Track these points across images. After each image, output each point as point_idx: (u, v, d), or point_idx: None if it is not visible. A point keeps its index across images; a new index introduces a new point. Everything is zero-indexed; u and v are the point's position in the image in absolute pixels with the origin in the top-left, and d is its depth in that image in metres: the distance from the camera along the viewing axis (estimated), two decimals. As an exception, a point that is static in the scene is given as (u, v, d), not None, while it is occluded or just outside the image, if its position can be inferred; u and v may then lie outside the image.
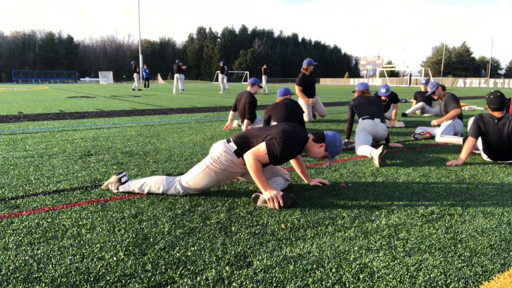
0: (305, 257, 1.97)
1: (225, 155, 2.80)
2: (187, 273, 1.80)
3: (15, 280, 1.72)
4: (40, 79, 47.49)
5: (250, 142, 2.81)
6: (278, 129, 2.78)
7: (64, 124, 7.11)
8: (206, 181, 2.84)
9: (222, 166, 2.80)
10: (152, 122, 7.50)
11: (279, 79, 73.01)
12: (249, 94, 5.91)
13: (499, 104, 3.91)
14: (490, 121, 3.95)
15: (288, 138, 2.72)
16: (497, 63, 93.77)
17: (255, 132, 2.87)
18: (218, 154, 2.81)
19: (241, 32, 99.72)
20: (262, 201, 2.70)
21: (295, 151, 2.81)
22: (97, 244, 2.09)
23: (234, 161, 2.80)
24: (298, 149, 2.84)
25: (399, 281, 1.75)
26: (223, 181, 2.98)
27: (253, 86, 6.13)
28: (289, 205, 2.68)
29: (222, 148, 2.83)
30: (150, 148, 4.76)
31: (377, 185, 3.27)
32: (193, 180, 2.84)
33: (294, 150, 2.80)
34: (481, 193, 3.06)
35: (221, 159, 2.80)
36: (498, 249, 2.08)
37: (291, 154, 2.78)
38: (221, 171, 2.82)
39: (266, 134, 2.79)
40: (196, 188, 2.87)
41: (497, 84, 44.96)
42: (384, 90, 7.03)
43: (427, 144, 5.33)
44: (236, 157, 2.79)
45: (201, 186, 2.86)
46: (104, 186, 3.04)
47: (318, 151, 2.91)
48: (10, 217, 2.46)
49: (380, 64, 55.60)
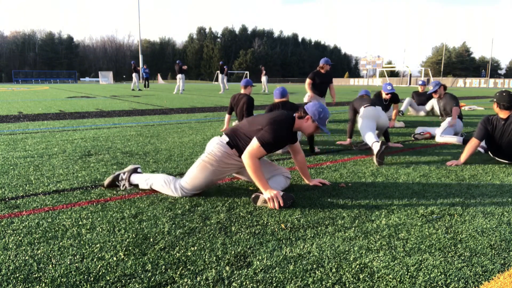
0: (305, 257, 1.97)
1: (218, 147, 2.89)
2: (187, 273, 1.80)
3: (15, 280, 1.72)
4: (40, 79, 47.48)
5: (241, 133, 2.89)
6: (265, 119, 2.83)
7: (64, 124, 7.11)
8: (203, 175, 2.85)
9: (217, 157, 2.87)
10: (152, 122, 7.50)
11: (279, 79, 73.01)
12: (246, 95, 5.90)
13: (509, 102, 3.91)
14: (497, 123, 3.95)
15: (276, 123, 2.78)
16: (497, 63, 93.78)
17: (244, 124, 2.95)
18: (212, 147, 2.91)
19: (241, 32, 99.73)
20: (262, 201, 2.70)
21: (286, 135, 2.87)
22: (97, 244, 2.09)
23: (228, 152, 2.88)
24: (288, 133, 2.88)
25: (399, 281, 1.75)
26: (220, 176, 2.94)
27: (247, 88, 6.13)
28: (289, 205, 2.68)
29: (216, 142, 2.94)
30: (150, 148, 4.76)
31: (377, 185, 3.27)
32: (191, 177, 2.87)
33: (286, 134, 2.86)
34: (481, 193, 3.06)
35: (215, 151, 2.88)
36: (498, 249, 2.08)
37: (283, 138, 2.84)
38: (217, 162, 2.86)
39: (255, 126, 2.84)
40: (194, 185, 2.86)
41: (497, 84, 44.95)
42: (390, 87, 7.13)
43: (427, 144, 5.33)
44: (229, 148, 2.88)
45: (199, 182, 2.86)
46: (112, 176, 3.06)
47: (307, 125, 2.92)
48: (10, 217, 2.46)
49: (380, 64, 55.63)
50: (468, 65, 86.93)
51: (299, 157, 3.20)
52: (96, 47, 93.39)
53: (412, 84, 50.45)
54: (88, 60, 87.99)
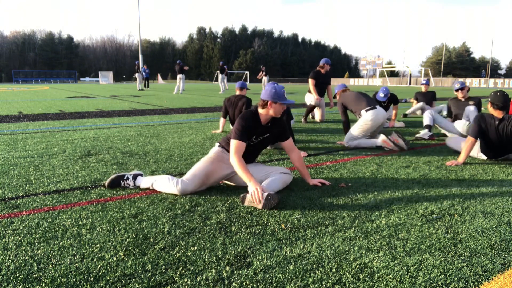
0: (305, 257, 1.97)
1: (213, 149, 3.26)
2: (187, 273, 1.80)
3: (15, 280, 1.72)
4: (40, 79, 47.44)
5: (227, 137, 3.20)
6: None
7: (64, 124, 7.11)
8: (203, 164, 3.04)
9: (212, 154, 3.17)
10: (152, 122, 7.50)
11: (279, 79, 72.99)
12: (244, 96, 5.87)
13: (503, 102, 3.93)
14: (491, 121, 3.97)
15: (240, 117, 3.06)
16: (497, 63, 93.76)
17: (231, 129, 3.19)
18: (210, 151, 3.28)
19: (241, 32, 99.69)
20: (249, 201, 2.72)
21: (253, 123, 3.05)
22: (97, 244, 2.09)
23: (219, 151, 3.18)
24: (255, 122, 3.06)
25: (399, 281, 1.75)
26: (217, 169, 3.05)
27: (243, 90, 6.13)
28: (274, 206, 2.62)
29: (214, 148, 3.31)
30: (150, 148, 4.76)
31: (377, 185, 3.27)
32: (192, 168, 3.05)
33: (252, 123, 3.04)
34: (481, 193, 3.06)
35: (211, 152, 3.22)
36: (498, 249, 2.08)
37: (250, 126, 3.02)
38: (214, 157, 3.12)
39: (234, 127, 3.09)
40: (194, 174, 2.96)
41: (497, 84, 44.96)
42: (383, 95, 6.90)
43: (427, 144, 5.33)
44: (220, 148, 3.21)
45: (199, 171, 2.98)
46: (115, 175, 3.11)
47: (273, 109, 3.04)
48: (10, 217, 2.46)
49: (380, 64, 55.63)
50: (468, 65, 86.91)
51: (294, 155, 3.23)
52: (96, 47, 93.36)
53: (412, 84, 50.45)
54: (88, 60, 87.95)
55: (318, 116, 8.05)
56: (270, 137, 3.19)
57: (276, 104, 3.02)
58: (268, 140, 3.21)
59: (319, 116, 8.02)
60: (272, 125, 3.16)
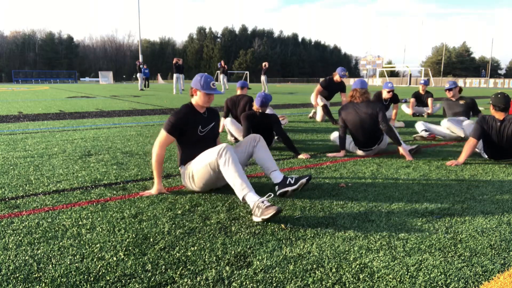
0: (305, 257, 1.97)
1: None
2: (187, 273, 1.80)
3: (15, 280, 1.72)
4: (40, 79, 47.44)
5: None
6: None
7: (64, 124, 7.11)
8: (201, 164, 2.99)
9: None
10: (152, 122, 7.50)
11: (279, 79, 72.99)
12: (246, 95, 5.87)
13: (504, 104, 3.95)
14: (493, 124, 4.00)
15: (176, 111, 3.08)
16: (497, 63, 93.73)
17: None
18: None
19: (241, 32, 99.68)
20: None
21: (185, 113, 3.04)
22: (97, 244, 2.09)
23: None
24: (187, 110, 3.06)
25: (399, 281, 1.75)
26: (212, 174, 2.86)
27: (244, 89, 6.14)
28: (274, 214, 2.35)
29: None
30: (150, 148, 4.76)
31: (377, 185, 3.27)
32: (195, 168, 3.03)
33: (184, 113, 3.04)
34: (481, 193, 3.06)
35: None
36: (498, 249, 2.08)
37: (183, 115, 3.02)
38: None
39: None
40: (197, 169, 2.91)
41: (497, 84, 44.95)
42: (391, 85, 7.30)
43: (427, 144, 5.33)
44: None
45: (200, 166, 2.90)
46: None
47: (198, 97, 3.04)
48: (10, 217, 2.46)
49: (380, 64, 55.62)
50: (468, 65, 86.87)
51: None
52: (96, 47, 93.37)
53: (412, 84, 50.44)
54: (88, 60, 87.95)
55: (318, 116, 8.06)
56: (216, 125, 3.20)
57: (200, 93, 3.01)
58: (214, 128, 3.18)
59: (319, 116, 8.03)
60: (209, 114, 3.17)
